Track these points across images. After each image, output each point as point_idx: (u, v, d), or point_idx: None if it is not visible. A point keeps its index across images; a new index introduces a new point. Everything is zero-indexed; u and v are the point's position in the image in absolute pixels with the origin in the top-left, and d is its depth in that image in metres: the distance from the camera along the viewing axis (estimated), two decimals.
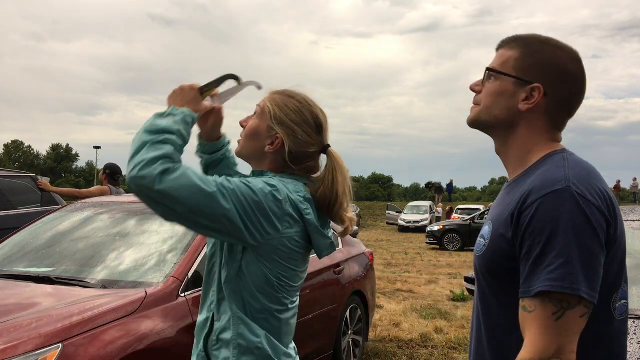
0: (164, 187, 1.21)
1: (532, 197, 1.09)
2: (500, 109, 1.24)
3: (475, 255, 1.25)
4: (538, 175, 1.14)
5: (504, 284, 1.16)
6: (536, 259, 1.06)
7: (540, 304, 1.04)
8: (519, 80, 1.22)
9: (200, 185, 1.24)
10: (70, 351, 2.11)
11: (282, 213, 1.34)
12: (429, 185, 34.70)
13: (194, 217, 1.25)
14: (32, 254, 3.23)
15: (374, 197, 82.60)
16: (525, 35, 1.27)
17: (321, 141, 1.49)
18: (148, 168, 1.21)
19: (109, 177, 6.07)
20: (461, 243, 17.75)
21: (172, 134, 1.29)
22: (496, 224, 1.18)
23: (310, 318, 3.89)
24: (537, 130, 1.23)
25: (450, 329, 6.27)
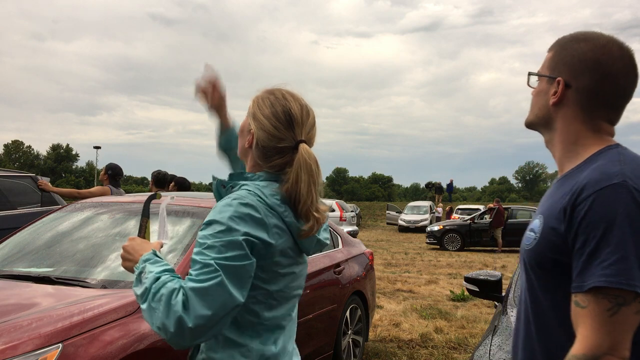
0: (195, 320, 1.21)
1: (587, 191, 1.08)
2: (538, 107, 1.30)
3: (524, 249, 1.23)
4: (593, 170, 1.13)
5: (554, 278, 1.15)
6: (590, 254, 1.05)
7: (593, 299, 1.03)
8: (549, 78, 1.27)
9: (208, 285, 1.23)
10: (70, 351, 2.11)
11: (269, 227, 1.34)
12: (429, 185, 34.70)
13: (231, 308, 1.26)
14: (32, 254, 3.23)
15: (374, 197, 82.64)
16: (566, 35, 1.30)
17: (292, 136, 1.43)
18: (169, 323, 1.21)
19: (110, 178, 6.03)
20: (461, 243, 17.75)
21: (154, 285, 1.27)
22: (547, 218, 1.17)
23: (310, 318, 3.89)
24: (574, 123, 1.24)
25: (450, 329, 6.27)
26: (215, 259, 1.25)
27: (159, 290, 1.25)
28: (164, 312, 1.22)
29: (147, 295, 1.27)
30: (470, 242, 17.73)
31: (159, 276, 1.29)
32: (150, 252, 1.40)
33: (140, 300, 1.29)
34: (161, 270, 1.31)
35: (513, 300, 2.82)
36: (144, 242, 1.45)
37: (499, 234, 17.21)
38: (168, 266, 1.35)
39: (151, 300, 1.26)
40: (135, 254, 1.42)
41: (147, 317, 1.27)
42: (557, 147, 1.28)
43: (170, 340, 1.23)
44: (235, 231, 1.28)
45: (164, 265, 1.35)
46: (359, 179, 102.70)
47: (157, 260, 1.36)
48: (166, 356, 2.39)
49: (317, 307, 4.00)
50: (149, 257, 1.37)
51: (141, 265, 1.35)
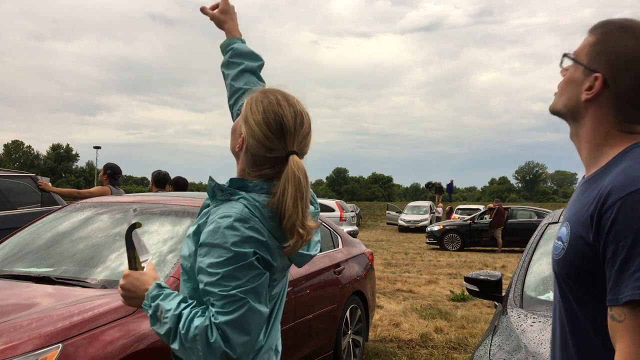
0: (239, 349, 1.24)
1: (613, 197, 1.03)
2: (568, 97, 1.22)
3: (554, 259, 1.18)
4: (618, 173, 1.07)
5: (586, 288, 1.10)
6: (622, 265, 0.99)
7: (630, 312, 0.98)
8: (585, 68, 1.17)
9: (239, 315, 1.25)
10: (70, 351, 2.11)
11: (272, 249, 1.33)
12: (429, 185, 34.70)
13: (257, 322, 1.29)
14: (32, 254, 3.23)
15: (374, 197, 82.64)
16: (614, 20, 1.19)
17: (284, 147, 1.36)
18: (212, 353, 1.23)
19: (110, 178, 6.01)
20: (461, 243, 17.75)
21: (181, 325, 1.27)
22: (574, 226, 1.12)
23: (310, 318, 3.89)
24: (604, 123, 1.16)
25: (450, 329, 6.28)
26: (236, 288, 1.24)
27: (189, 330, 1.25)
28: (205, 351, 1.23)
29: (176, 336, 1.27)
30: (470, 242, 17.74)
31: (180, 313, 1.28)
32: (154, 285, 1.37)
33: (167, 339, 1.29)
34: (177, 305, 1.30)
35: (513, 300, 2.82)
36: (141, 275, 1.42)
37: (499, 234, 17.21)
38: (179, 296, 1.34)
39: (185, 341, 1.25)
40: (137, 290, 1.39)
41: (185, 355, 1.28)
42: (583, 145, 1.21)
43: None
44: (245, 254, 1.26)
45: (175, 297, 1.33)
46: (359, 179, 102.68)
47: (167, 294, 1.34)
48: (166, 356, 2.39)
49: (317, 307, 4.00)
50: (157, 294, 1.34)
51: (153, 304, 1.33)
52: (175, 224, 3.19)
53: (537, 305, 2.70)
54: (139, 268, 1.46)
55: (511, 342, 2.37)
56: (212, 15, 1.90)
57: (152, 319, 1.33)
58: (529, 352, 2.22)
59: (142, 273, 1.43)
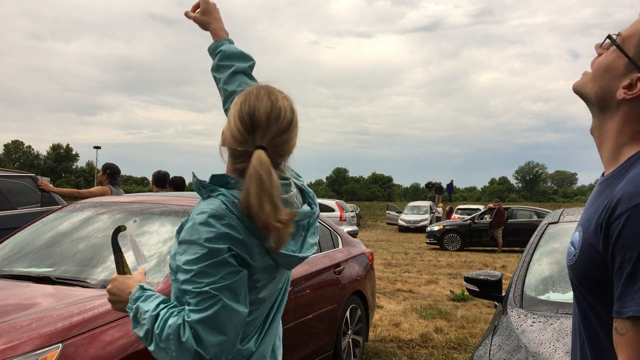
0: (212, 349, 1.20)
1: (621, 207, 0.98)
2: (601, 85, 1.11)
3: (567, 265, 1.15)
4: (629, 180, 1.01)
5: (598, 296, 1.07)
6: (628, 279, 0.96)
7: (632, 327, 0.96)
8: (630, 62, 1.06)
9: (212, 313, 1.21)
10: (70, 351, 2.11)
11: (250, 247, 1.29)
12: (429, 185, 34.69)
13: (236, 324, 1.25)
14: (32, 254, 3.23)
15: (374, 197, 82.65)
16: None
17: (252, 141, 1.31)
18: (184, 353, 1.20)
19: (109, 178, 5.99)
20: (461, 243, 17.75)
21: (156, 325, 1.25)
22: (586, 232, 1.08)
23: (310, 318, 3.89)
24: (634, 126, 1.08)
25: (450, 329, 6.28)
26: (209, 285, 1.21)
27: (163, 330, 1.22)
28: (177, 351, 1.20)
29: (151, 336, 1.25)
30: (470, 242, 17.73)
31: (157, 314, 1.26)
32: (137, 287, 1.36)
33: (146, 341, 1.27)
34: (155, 306, 1.28)
35: (513, 300, 2.82)
36: (126, 279, 1.41)
37: (499, 234, 17.21)
38: (160, 297, 1.32)
39: (159, 341, 1.23)
40: (121, 294, 1.39)
41: (160, 357, 1.25)
42: (605, 141, 1.13)
43: None
44: (218, 250, 1.23)
45: (156, 298, 1.31)
46: (359, 179, 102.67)
47: (148, 296, 1.32)
48: None
49: (317, 307, 4.00)
50: (138, 295, 1.33)
51: (133, 306, 1.32)
52: (175, 224, 3.19)
53: (537, 305, 2.70)
54: (127, 272, 1.45)
55: (511, 342, 2.37)
56: (194, 18, 1.83)
57: (133, 321, 1.31)
58: (529, 352, 2.22)
59: (128, 277, 1.42)
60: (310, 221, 1.45)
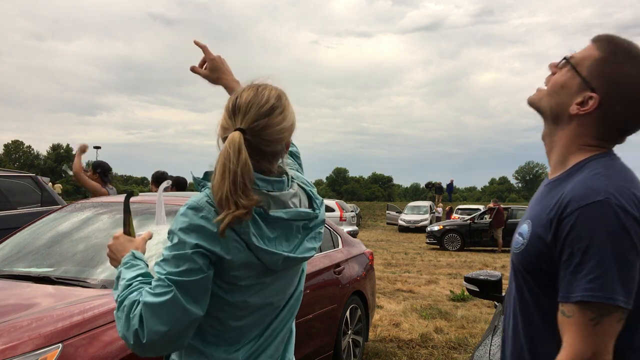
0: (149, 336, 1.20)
1: (572, 206, 1.12)
2: (557, 101, 1.25)
3: (513, 252, 1.28)
4: (577, 183, 1.16)
5: (540, 282, 1.20)
6: (576, 267, 1.10)
7: (578, 310, 1.09)
8: (583, 81, 1.21)
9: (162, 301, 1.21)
10: (70, 351, 2.11)
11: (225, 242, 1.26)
12: (429, 185, 34.68)
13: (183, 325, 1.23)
14: (32, 254, 3.23)
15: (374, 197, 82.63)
16: (620, 41, 1.21)
17: (233, 125, 1.31)
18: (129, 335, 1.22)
19: (101, 176, 5.70)
20: (461, 243, 17.74)
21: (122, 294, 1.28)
22: (535, 225, 1.21)
23: (310, 318, 3.88)
24: (583, 138, 1.23)
25: (450, 329, 6.27)
26: (168, 274, 1.22)
27: (124, 300, 1.25)
28: (124, 324, 1.22)
29: (117, 302, 1.27)
30: (470, 242, 17.73)
31: (129, 283, 1.28)
32: (129, 253, 1.38)
33: (116, 308, 1.29)
34: (133, 277, 1.30)
35: None
36: (126, 241, 1.44)
37: (499, 234, 17.20)
38: (142, 270, 1.33)
39: (117, 310, 1.26)
40: (118, 254, 1.42)
41: (117, 325, 1.26)
42: (555, 149, 1.28)
43: (133, 351, 1.23)
44: (185, 244, 1.23)
45: (138, 269, 1.33)
46: (359, 179, 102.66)
47: (133, 265, 1.34)
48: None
49: (317, 307, 4.00)
50: (126, 261, 1.36)
51: (119, 269, 1.35)
52: None
53: None
54: (132, 234, 1.49)
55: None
56: (204, 75, 1.79)
57: (115, 283, 1.34)
58: None
59: (129, 239, 1.45)
60: (310, 225, 1.42)
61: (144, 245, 1.46)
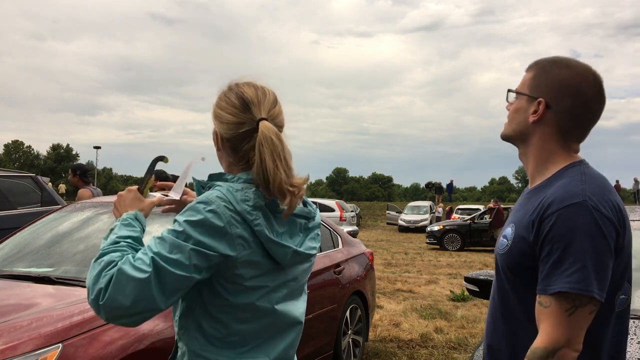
0: (107, 301, 1.17)
1: (553, 208, 1.25)
2: (517, 123, 1.43)
3: (498, 253, 1.41)
4: (558, 187, 1.29)
5: (522, 280, 1.33)
6: (555, 263, 1.22)
7: (555, 301, 1.21)
8: (529, 97, 1.40)
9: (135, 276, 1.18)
10: (70, 351, 2.11)
11: (231, 238, 1.25)
12: (429, 185, 34.68)
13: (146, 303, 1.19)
14: (32, 254, 3.23)
15: (374, 197, 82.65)
16: (547, 58, 1.43)
17: (252, 118, 1.35)
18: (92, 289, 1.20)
19: (81, 177, 5.89)
20: (461, 243, 17.74)
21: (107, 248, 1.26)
22: (518, 227, 1.34)
23: (310, 318, 3.88)
24: (549, 141, 1.38)
25: (450, 329, 6.27)
26: (154, 255, 1.20)
27: (104, 255, 1.23)
28: (94, 277, 1.20)
29: (99, 253, 1.25)
30: (470, 242, 17.72)
31: (118, 241, 1.27)
32: (133, 212, 1.38)
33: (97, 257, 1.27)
34: (124, 236, 1.29)
35: None
36: (136, 199, 1.43)
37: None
38: (136, 233, 1.32)
39: (95, 260, 1.24)
40: (122, 207, 1.41)
41: (89, 272, 1.24)
42: (530, 161, 1.43)
43: (90, 305, 1.21)
44: (188, 237, 1.22)
45: (133, 231, 1.32)
46: (359, 179, 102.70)
47: (131, 224, 1.34)
48: (165, 356, 2.39)
49: (317, 307, 4.00)
50: (125, 218, 1.35)
51: (116, 223, 1.34)
52: None
53: None
54: (144, 194, 1.48)
55: None
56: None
57: (106, 234, 1.33)
58: None
59: (140, 198, 1.44)
60: (309, 225, 1.43)
61: (149, 209, 1.45)
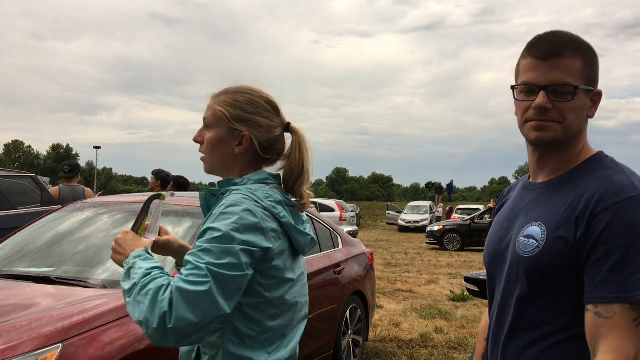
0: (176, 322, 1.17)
1: (606, 203, 1.10)
2: (578, 122, 1.24)
3: (521, 256, 1.22)
4: (601, 180, 1.15)
5: (553, 283, 1.17)
6: (615, 265, 1.07)
7: (620, 310, 1.06)
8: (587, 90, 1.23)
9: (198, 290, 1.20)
10: (70, 351, 2.11)
11: (266, 231, 1.31)
12: (429, 185, 34.68)
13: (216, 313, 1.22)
14: (32, 254, 3.23)
15: (374, 197, 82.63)
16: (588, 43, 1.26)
17: (281, 121, 1.49)
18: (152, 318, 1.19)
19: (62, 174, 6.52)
20: (461, 243, 17.74)
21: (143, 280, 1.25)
22: (552, 226, 1.18)
23: (310, 318, 3.87)
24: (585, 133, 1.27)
25: (450, 329, 6.27)
26: (208, 264, 1.22)
27: (147, 285, 1.23)
28: (149, 306, 1.19)
29: (133, 288, 1.25)
30: (470, 242, 17.72)
31: (149, 272, 1.27)
32: (143, 249, 1.38)
33: (127, 295, 1.27)
34: (151, 267, 1.29)
35: None
36: (136, 238, 1.44)
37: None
38: (158, 263, 1.33)
39: (137, 294, 1.23)
40: (127, 248, 1.40)
41: (131, 309, 1.24)
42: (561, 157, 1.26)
43: (151, 336, 1.20)
44: (233, 239, 1.25)
45: (155, 262, 1.33)
46: (359, 179, 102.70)
47: (148, 258, 1.34)
48: (165, 356, 2.39)
49: (317, 307, 4.00)
50: (140, 254, 1.35)
51: (132, 261, 1.34)
52: (176, 225, 3.19)
53: None
54: (139, 234, 1.49)
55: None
56: None
57: (125, 275, 1.32)
58: None
59: (139, 238, 1.45)
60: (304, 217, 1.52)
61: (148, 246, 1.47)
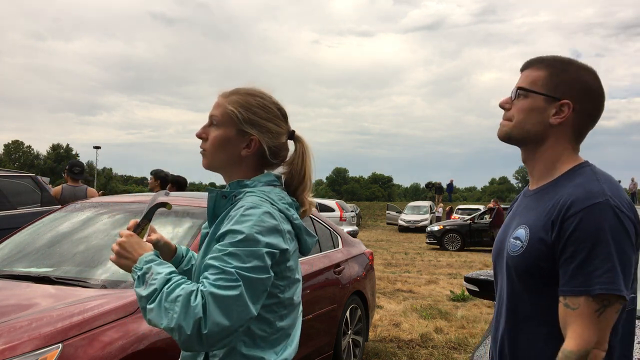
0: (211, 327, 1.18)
1: (575, 208, 1.23)
2: (532, 124, 1.37)
3: (510, 255, 1.36)
4: (575, 187, 1.28)
5: (537, 282, 1.31)
6: (581, 263, 1.21)
7: (584, 302, 1.20)
8: (549, 97, 1.35)
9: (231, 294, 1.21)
10: (70, 351, 2.11)
11: (283, 233, 1.33)
12: (429, 185, 34.67)
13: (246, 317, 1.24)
14: (32, 254, 3.23)
15: (374, 197, 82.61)
16: (548, 57, 1.40)
17: (288, 128, 1.51)
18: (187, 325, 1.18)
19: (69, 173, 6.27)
20: (461, 243, 17.73)
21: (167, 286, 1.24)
22: (534, 228, 1.31)
23: (310, 318, 3.88)
24: (563, 143, 1.36)
25: (450, 329, 6.27)
26: (237, 268, 1.22)
27: (173, 291, 1.22)
28: (181, 313, 1.18)
29: (158, 296, 1.23)
30: (470, 242, 17.72)
31: (169, 277, 1.26)
32: (152, 252, 1.36)
33: (146, 301, 1.25)
34: (170, 272, 1.28)
35: None
36: (141, 242, 1.41)
37: None
38: (172, 267, 1.32)
39: (164, 301, 1.21)
40: (133, 252, 1.36)
41: (156, 316, 1.22)
42: (538, 163, 1.40)
43: (183, 343, 1.20)
44: (258, 242, 1.26)
45: (171, 266, 1.32)
46: (359, 179, 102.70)
47: (163, 262, 1.33)
48: (165, 356, 2.39)
49: (317, 307, 4.00)
50: (153, 258, 1.32)
51: (145, 267, 1.30)
52: (176, 225, 3.19)
53: None
54: (141, 234, 1.48)
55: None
56: None
57: (138, 280, 1.29)
58: None
59: (144, 242, 1.42)
60: None
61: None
